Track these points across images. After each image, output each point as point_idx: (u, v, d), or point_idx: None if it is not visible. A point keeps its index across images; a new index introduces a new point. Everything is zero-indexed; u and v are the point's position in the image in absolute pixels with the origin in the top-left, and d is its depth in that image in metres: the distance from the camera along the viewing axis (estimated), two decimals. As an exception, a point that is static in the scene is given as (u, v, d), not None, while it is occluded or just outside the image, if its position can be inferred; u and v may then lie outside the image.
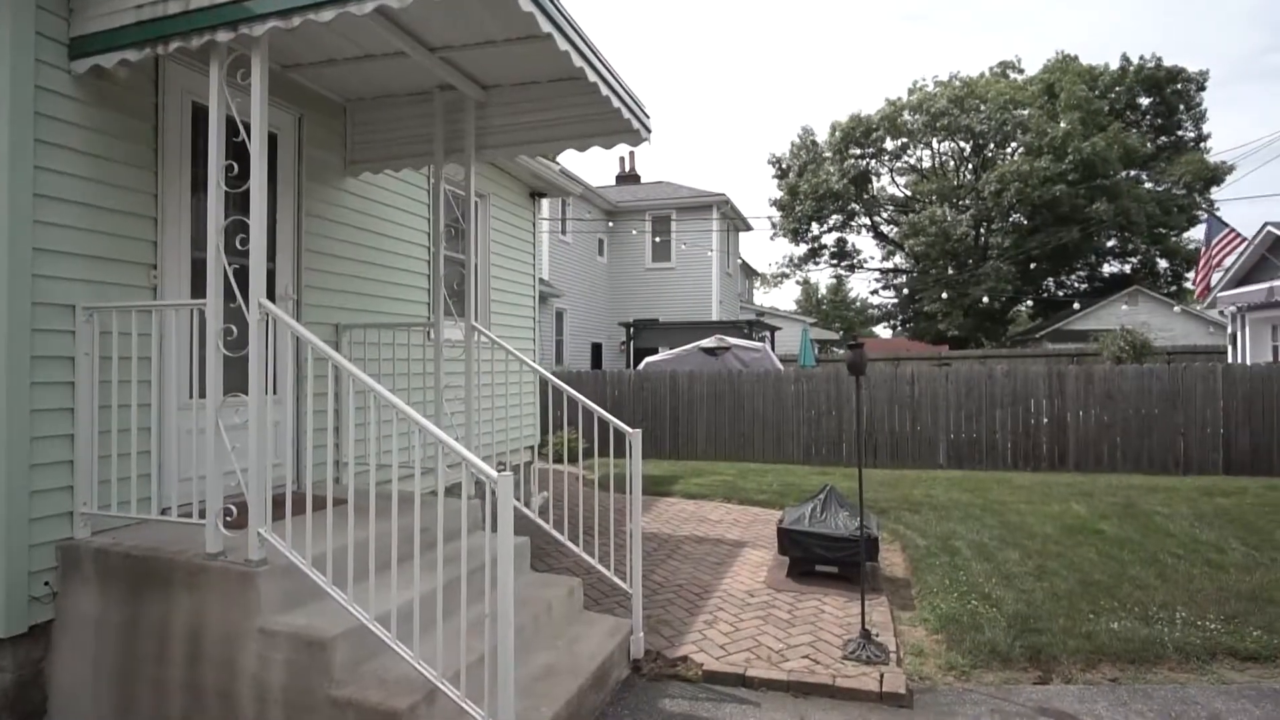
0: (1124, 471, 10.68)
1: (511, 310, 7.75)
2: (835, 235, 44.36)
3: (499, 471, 2.70)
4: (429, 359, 5.14)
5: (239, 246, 3.23)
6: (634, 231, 21.30)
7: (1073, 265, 40.08)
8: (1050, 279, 41.12)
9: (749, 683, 4.00)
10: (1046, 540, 6.67)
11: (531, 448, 7.93)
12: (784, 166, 42.84)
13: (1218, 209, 35.48)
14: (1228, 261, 17.29)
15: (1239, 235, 17.35)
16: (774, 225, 42.86)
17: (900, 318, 45.72)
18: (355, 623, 2.94)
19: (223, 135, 3.19)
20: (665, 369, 13.33)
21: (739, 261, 27.98)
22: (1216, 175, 35.73)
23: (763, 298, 49.76)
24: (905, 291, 43.66)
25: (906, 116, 39.77)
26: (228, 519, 3.15)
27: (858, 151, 41.06)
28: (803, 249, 44.49)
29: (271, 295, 4.47)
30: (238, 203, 3.27)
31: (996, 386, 11.43)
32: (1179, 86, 37.79)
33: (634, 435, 4.19)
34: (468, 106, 4.60)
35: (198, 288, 3.78)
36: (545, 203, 17.49)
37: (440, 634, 2.82)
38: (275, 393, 3.97)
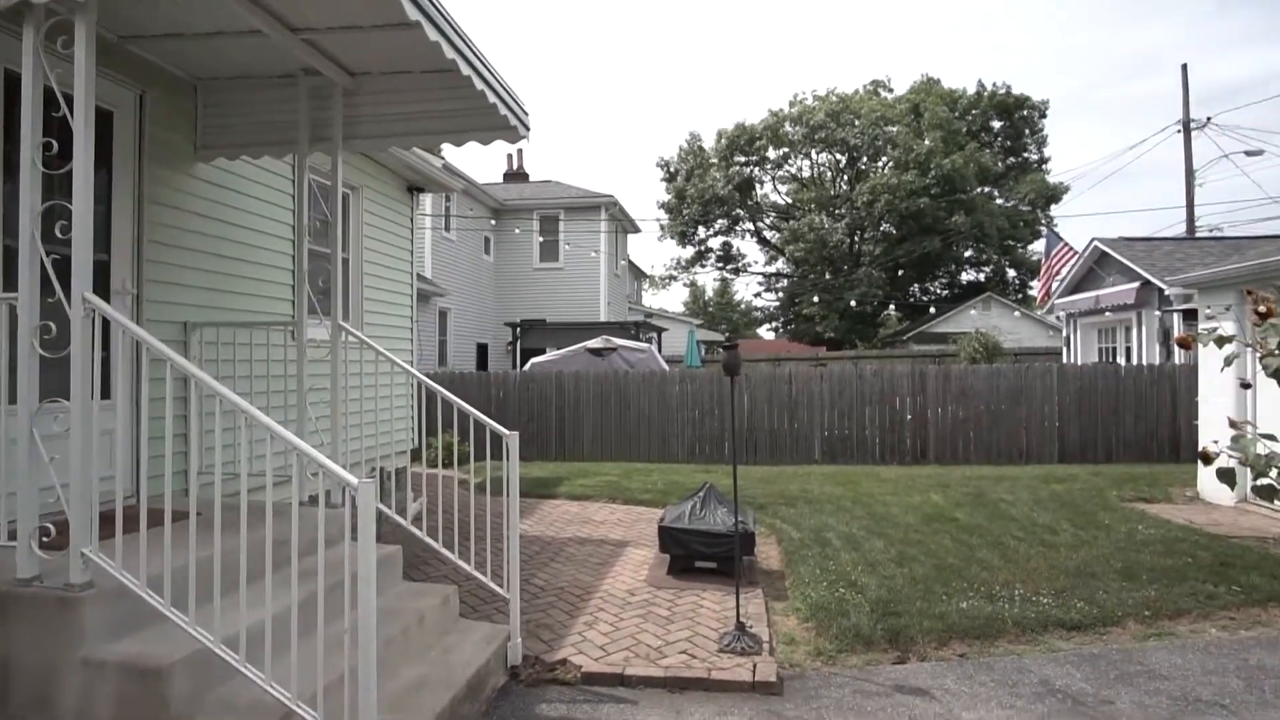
0: (976, 463, 11.62)
1: (387, 309, 7.43)
2: (721, 239, 45.79)
3: (370, 477, 2.56)
4: (292, 360, 4.82)
5: (60, 235, 2.89)
6: (516, 230, 20.95)
7: (935, 272, 43.34)
8: (916, 285, 44.25)
9: (627, 681, 4.02)
10: (908, 529, 7.14)
11: (408, 452, 7.64)
12: (672, 170, 43.71)
13: (1056, 225, 39.51)
14: (1064, 272, 19.27)
15: (1072, 249, 19.37)
16: (662, 228, 43.67)
17: (782, 320, 47.72)
18: (198, 647, 2.70)
19: (40, 109, 2.85)
20: (551, 370, 13.23)
21: (627, 262, 28.23)
22: (1055, 194, 39.83)
23: (651, 299, 50.54)
24: (785, 295, 45.65)
25: (788, 128, 41.59)
26: (45, 539, 2.81)
27: (742, 159, 42.52)
28: (690, 251, 45.62)
29: (106, 289, 4.05)
30: (61, 186, 2.93)
31: (866, 385, 12.14)
32: (1025, 113, 41.73)
33: (510, 437, 4.12)
34: (334, 93, 4.37)
35: (10, 280, 3.35)
36: (428, 198, 16.93)
37: (295, 654, 2.64)
38: (108, 397, 3.61)
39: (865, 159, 40.90)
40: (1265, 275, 7.73)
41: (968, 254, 42.03)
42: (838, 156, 42.04)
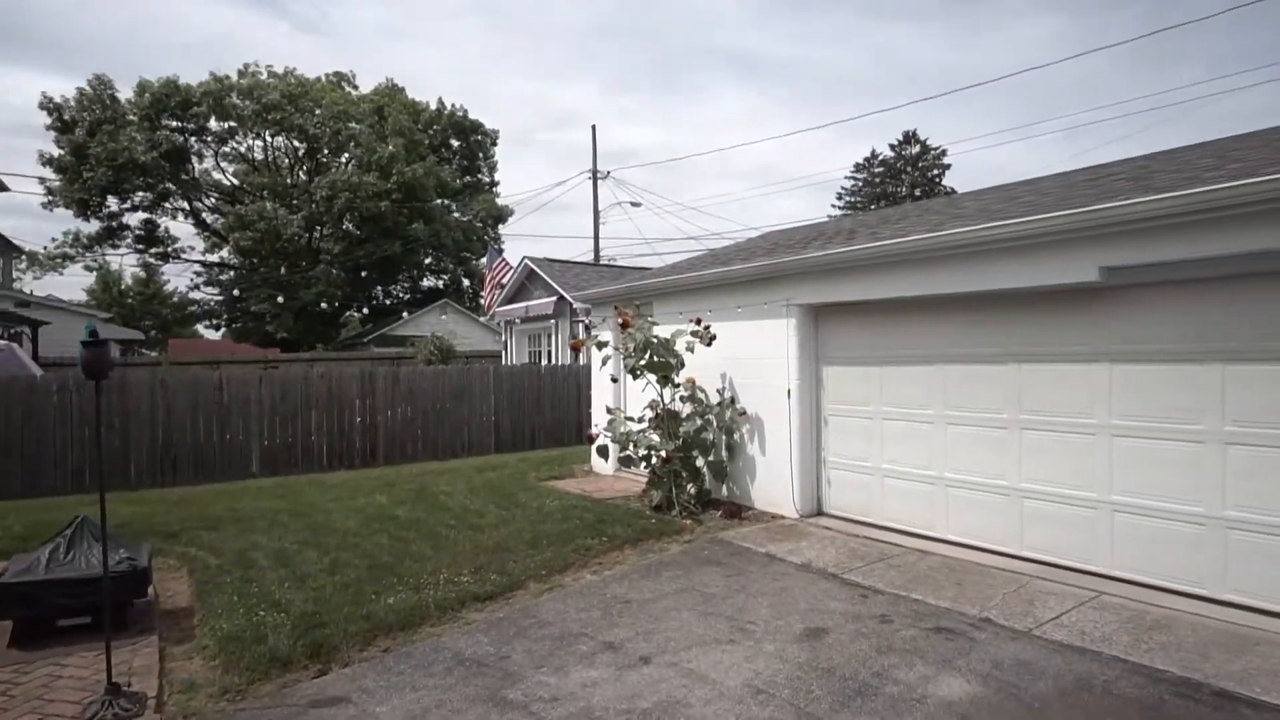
0: (425, 459, 12.17)
1: None
2: (143, 216, 37.92)
3: None
4: None
5: None
6: None
7: (398, 276, 44.32)
8: (379, 287, 44.48)
9: (-95, 818, 2.82)
10: (347, 534, 6.95)
11: None
12: (67, 119, 34.26)
13: (502, 242, 44.93)
14: (504, 283, 21.86)
15: (508, 264, 22.12)
16: (50, 191, 33.82)
17: (225, 317, 42.07)
18: None
19: None
20: None
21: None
22: (502, 215, 45.12)
23: (35, 283, 38.59)
24: (230, 290, 40.44)
25: (236, 99, 36.95)
26: None
27: (174, 124, 36.05)
28: (95, 226, 36.51)
29: None
30: None
31: (313, 389, 11.50)
32: (479, 138, 46.11)
33: None
34: None
35: None
36: None
37: None
38: None
39: (327, 152, 39.24)
40: (632, 296, 10.06)
41: (428, 261, 44.24)
42: (296, 144, 39.29)
